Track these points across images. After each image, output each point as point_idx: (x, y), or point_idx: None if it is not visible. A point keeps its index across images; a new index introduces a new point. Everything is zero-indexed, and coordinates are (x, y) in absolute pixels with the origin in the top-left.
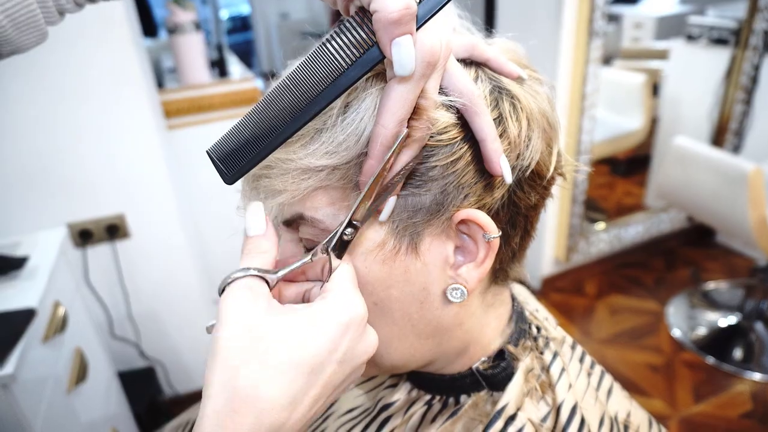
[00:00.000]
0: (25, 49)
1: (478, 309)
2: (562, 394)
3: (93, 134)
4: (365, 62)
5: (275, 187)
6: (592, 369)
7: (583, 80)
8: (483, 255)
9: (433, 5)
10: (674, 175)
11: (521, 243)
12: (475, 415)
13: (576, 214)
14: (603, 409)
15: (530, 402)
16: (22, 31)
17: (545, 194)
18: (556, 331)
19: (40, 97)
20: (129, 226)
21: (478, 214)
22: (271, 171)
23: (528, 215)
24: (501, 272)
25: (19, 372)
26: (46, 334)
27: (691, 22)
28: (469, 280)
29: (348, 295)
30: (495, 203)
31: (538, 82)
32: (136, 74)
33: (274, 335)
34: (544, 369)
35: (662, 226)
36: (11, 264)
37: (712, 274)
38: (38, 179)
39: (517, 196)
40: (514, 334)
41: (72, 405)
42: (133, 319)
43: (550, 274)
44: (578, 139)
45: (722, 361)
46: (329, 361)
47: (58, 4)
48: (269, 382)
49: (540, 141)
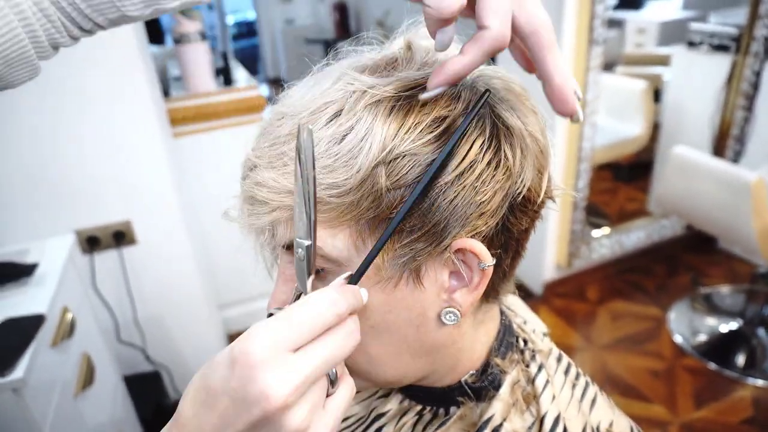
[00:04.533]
0: (17, 84)
1: (470, 328)
2: (546, 405)
3: (99, 142)
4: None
5: (265, 209)
6: (576, 380)
7: (583, 88)
8: (477, 281)
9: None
10: (674, 185)
11: (512, 263)
12: (463, 426)
13: (577, 220)
14: (585, 419)
15: (516, 413)
16: (13, 67)
17: (536, 217)
18: (543, 343)
19: (48, 106)
20: (135, 233)
21: (474, 243)
22: (261, 188)
23: (519, 239)
24: (492, 292)
25: (29, 376)
26: (54, 339)
27: (692, 29)
28: (462, 304)
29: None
30: (489, 231)
31: (531, 112)
32: (142, 83)
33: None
34: (529, 381)
35: (664, 231)
36: (21, 271)
37: (714, 280)
38: (46, 187)
39: (510, 222)
40: (501, 348)
41: (79, 409)
42: (139, 324)
43: (552, 279)
44: (579, 146)
45: (724, 366)
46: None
47: (51, 38)
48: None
49: (532, 168)
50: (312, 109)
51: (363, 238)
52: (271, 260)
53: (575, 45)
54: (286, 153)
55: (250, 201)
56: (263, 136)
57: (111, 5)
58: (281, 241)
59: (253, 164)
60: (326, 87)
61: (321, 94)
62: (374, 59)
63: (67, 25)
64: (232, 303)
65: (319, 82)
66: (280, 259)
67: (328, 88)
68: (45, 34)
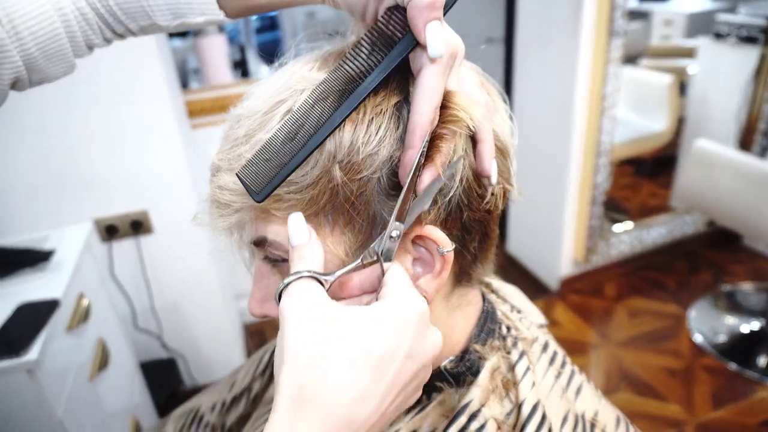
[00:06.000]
0: (54, 79)
1: (442, 312)
2: (525, 392)
3: (119, 134)
4: (397, 54)
5: (228, 206)
6: (562, 369)
7: (603, 80)
8: (439, 267)
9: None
10: (696, 179)
11: (481, 246)
12: (443, 411)
13: (595, 215)
14: (569, 406)
15: (495, 399)
16: (52, 61)
17: (492, 205)
18: (529, 331)
19: (72, 101)
20: (152, 222)
21: (431, 230)
22: (224, 191)
23: (482, 220)
24: (464, 275)
25: (43, 358)
26: (70, 323)
27: (719, 20)
28: (428, 291)
29: (406, 294)
30: (440, 215)
31: (493, 110)
32: (161, 76)
33: (338, 333)
34: (510, 368)
35: (686, 228)
36: (38, 257)
37: (738, 278)
38: (67, 177)
39: (461, 207)
40: (482, 334)
41: (95, 392)
42: (156, 312)
43: (569, 275)
44: (598, 139)
45: (745, 367)
46: (396, 357)
47: (87, 38)
48: (336, 377)
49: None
50: (265, 109)
51: (324, 230)
52: (250, 259)
53: (595, 37)
54: (243, 155)
55: (215, 204)
56: (224, 140)
57: (143, 13)
58: (248, 240)
59: (217, 167)
60: (278, 86)
61: (273, 94)
62: (328, 52)
63: (102, 27)
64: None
65: (273, 82)
66: (255, 256)
67: (278, 87)
68: (82, 33)
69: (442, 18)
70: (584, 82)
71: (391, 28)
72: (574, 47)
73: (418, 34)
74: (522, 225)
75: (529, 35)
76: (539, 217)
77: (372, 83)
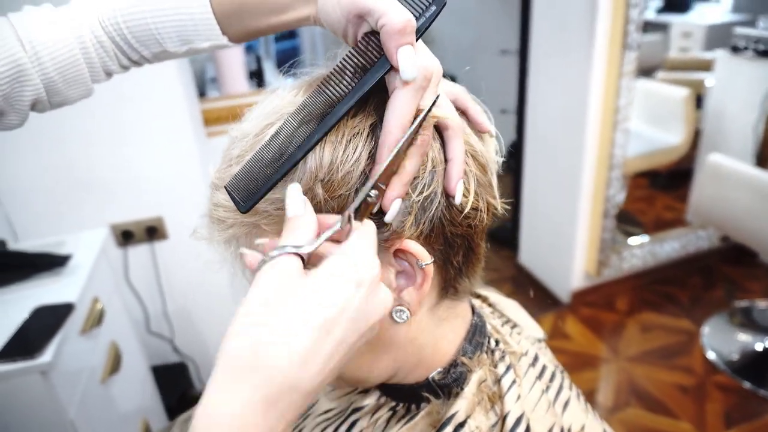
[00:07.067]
0: (72, 102)
1: (429, 324)
2: (510, 405)
3: (136, 141)
4: (371, 78)
5: (225, 223)
6: (550, 383)
7: (616, 93)
8: (420, 280)
9: (425, 22)
10: (710, 194)
11: (466, 260)
12: (431, 421)
13: (608, 228)
14: (555, 420)
15: (481, 411)
16: (70, 85)
17: (475, 220)
18: (519, 345)
19: (87, 107)
20: (167, 228)
21: (409, 243)
22: (218, 208)
23: (465, 235)
24: (449, 288)
25: (57, 360)
26: (84, 327)
27: (736, 33)
28: (411, 303)
29: (361, 253)
30: (423, 230)
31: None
32: (177, 86)
33: (289, 300)
34: (496, 381)
35: (700, 242)
36: (55, 261)
37: (754, 295)
38: (85, 183)
39: (441, 224)
40: (470, 347)
41: (107, 394)
42: (168, 317)
43: (580, 287)
44: (610, 152)
45: (759, 386)
46: (340, 319)
47: (104, 65)
48: (278, 343)
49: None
50: (255, 132)
51: None
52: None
53: (608, 50)
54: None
55: (212, 220)
56: (222, 159)
57: (153, 40)
58: None
59: (214, 186)
60: (268, 111)
61: (263, 117)
62: (316, 77)
63: (119, 55)
64: None
65: (264, 106)
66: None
67: (268, 111)
68: (99, 60)
69: (414, 42)
70: (597, 95)
71: (368, 53)
72: (587, 60)
73: (391, 57)
74: (534, 237)
75: (544, 48)
76: (551, 229)
77: (346, 105)
